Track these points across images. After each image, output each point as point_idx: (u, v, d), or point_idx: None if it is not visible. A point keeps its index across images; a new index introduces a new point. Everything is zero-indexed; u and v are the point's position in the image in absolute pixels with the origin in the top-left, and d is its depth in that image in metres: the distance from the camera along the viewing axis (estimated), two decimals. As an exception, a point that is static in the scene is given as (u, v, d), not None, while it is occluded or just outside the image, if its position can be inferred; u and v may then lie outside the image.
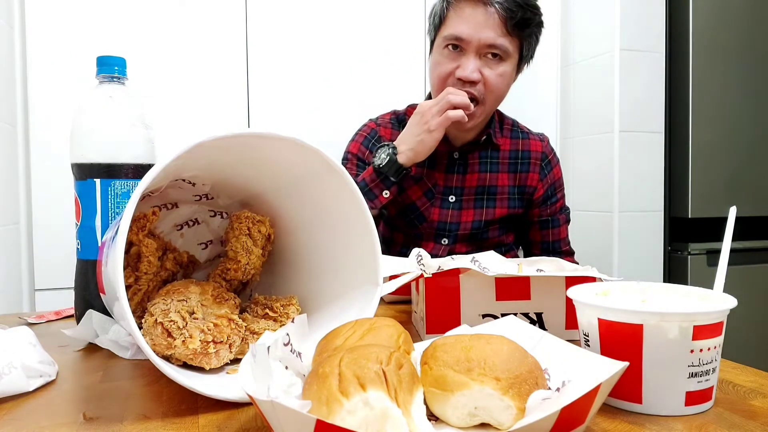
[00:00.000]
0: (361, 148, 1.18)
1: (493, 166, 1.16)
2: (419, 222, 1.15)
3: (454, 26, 1.03)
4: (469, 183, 1.15)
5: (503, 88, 1.07)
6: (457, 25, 1.02)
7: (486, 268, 0.67)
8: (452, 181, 1.15)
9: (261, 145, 0.55)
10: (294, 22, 1.57)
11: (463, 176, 1.15)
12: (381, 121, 1.22)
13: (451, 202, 1.15)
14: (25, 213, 1.39)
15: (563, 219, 1.21)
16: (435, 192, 1.15)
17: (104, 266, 0.54)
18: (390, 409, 0.36)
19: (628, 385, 0.45)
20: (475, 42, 1.01)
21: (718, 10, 1.71)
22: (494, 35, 1.01)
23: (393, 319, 0.49)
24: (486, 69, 1.03)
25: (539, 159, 1.18)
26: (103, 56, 0.69)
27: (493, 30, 1.01)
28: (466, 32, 1.02)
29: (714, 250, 1.73)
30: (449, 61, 1.05)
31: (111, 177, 0.67)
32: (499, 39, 1.01)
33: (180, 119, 1.47)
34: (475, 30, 1.01)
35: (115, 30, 1.42)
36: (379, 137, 1.19)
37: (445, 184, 1.15)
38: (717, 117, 1.72)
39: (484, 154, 1.16)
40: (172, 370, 0.47)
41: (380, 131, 1.20)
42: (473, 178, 1.15)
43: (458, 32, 1.02)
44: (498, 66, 1.04)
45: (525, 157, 1.17)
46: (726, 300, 0.47)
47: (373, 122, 1.22)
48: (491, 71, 1.04)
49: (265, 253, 0.66)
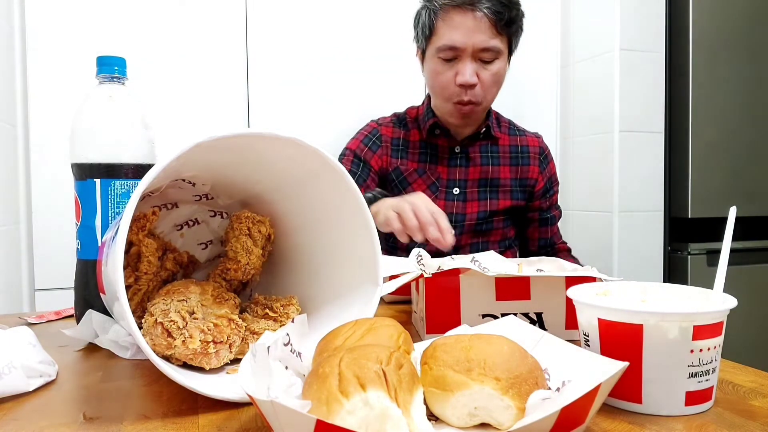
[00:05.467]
0: (360, 145, 1.21)
1: (494, 159, 1.19)
2: None
3: (447, 36, 1.05)
4: (473, 176, 1.18)
5: (498, 84, 1.12)
6: (449, 34, 1.05)
7: (486, 268, 0.67)
8: (455, 174, 1.18)
9: (261, 145, 0.55)
10: (294, 22, 1.57)
11: (466, 169, 1.18)
12: (382, 121, 1.24)
13: (456, 194, 1.18)
14: (25, 213, 1.39)
15: (557, 215, 1.26)
16: (439, 185, 1.18)
17: (104, 266, 0.54)
18: (390, 409, 0.36)
19: (628, 385, 0.45)
20: (470, 48, 1.04)
21: (718, 10, 1.71)
22: (486, 38, 1.04)
23: (393, 319, 0.49)
24: (482, 71, 1.07)
25: (538, 153, 1.23)
26: (103, 56, 0.69)
27: (485, 33, 1.04)
28: (459, 40, 1.04)
29: (714, 250, 1.73)
30: (447, 69, 1.08)
31: (111, 177, 0.67)
32: (492, 41, 1.04)
33: (180, 119, 1.47)
34: (468, 36, 1.04)
35: (115, 30, 1.42)
36: (380, 136, 1.21)
37: (449, 177, 1.18)
38: (717, 117, 1.72)
39: (485, 147, 1.19)
40: (172, 370, 0.47)
41: (381, 130, 1.22)
42: (476, 170, 1.19)
43: (452, 41, 1.05)
44: (492, 66, 1.07)
45: (524, 151, 1.21)
46: (726, 300, 0.47)
47: (375, 122, 1.25)
48: (487, 72, 1.07)
49: (265, 253, 0.66)
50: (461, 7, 1.03)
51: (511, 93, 1.75)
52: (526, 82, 1.79)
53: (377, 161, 1.19)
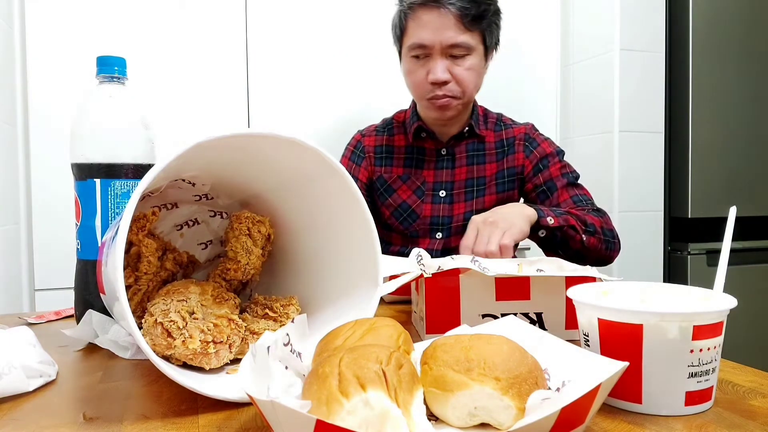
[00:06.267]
0: (349, 163, 1.24)
1: (480, 157, 1.19)
2: (412, 220, 1.18)
3: (415, 34, 1.07)
4: (459, 177, 1.18)
5: (475, 80, 1.11)
6: (418, 33, 1.06)
7: (486, 268, 0.67)
8: (442, 176, 1.19)
9: (261, 145, 0.55)
10: (294, 22, 1.57)
11: (452, 170, 1.19)
12: (366, 131, 1.27)
13: (442, 197, 1.18)
14: (25, 213, 1.39)
15: (562, 183, 1.15)
16: (425, 189, 1.19)
17: (104, 266, 0.54)
18: (390, 409, 0.36)
19: (628, 385, 0.45)
20: (438, 45, 1.05)
21: (718, 10, 1.71)
22: (454, 34, 1.04)
23: (393, 319, 0.49)
24: (454, 67, 1.07)
25: (522, 139, 1.20)
26: (103, 56, 0.69)
27: (452, 30, 1.04)
28: (427, 38, 1.05)
29: (714, 250, 1.73)
30: (419, 67, 1.09)
31: (111, 177, 0.67)
32: (460, 37, 1.05)
33: (180, 119, 1.47)
34: (435, 34, 1.05)
35: (115, 30, 1.42)
36: (363, 147, 1.24)
37: (435, 180, 1.19)
38: (717, 117, 1.72)
39: (471, 146, 1.19)
40: (172, 370, 0.47)
41: (364, 141, 1.24)
42: (462, 171, 1.19)
43: (420, 40, 1.06)
44: (464, 61, 1.07)
45: (510, 143, 1.20)
46: (726, 300, 0.47)
47: (360, 133, 1.27)
48: (459, 68, 1.07)
49: (265, 253, 0.66)
50: (427, 5, 1.04)
51: (511, 93, 1.75)
52: (526, 82, 1.79)
53: (363, 173, 1.22)
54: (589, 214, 1.07)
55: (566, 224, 1.00)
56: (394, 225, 1.20)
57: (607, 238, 1.07)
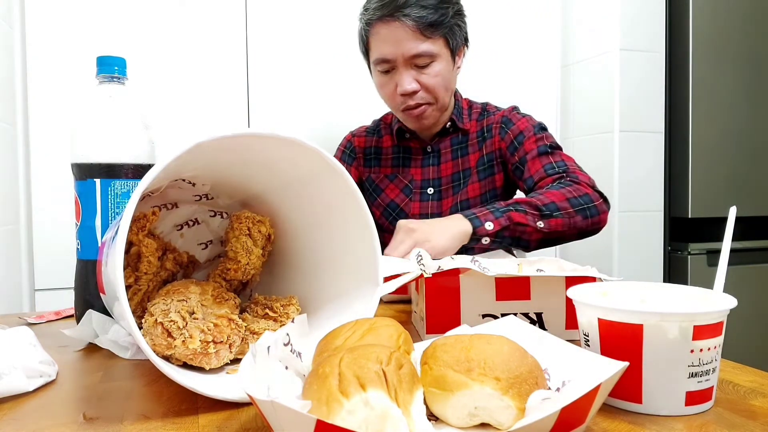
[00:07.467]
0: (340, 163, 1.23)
1: (464, 150, 1.19)
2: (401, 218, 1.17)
3: (378, 49, 1.07)
4: (445, 172, 1.19)
5: (445, 84, 1.09)
6: (380, 48, 1.07)
7: (486, 268, 0.67)
8: (429, 173, 1.19)
9: (261, 145, 0.55)
10: (294, 22, 1.57)
11: (438, 167, 1.19)
12: (357, 132, 1.28)
13: (430, 194, 1.19)
14: (25, 213, 1.39)
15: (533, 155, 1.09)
16: (412, 187, 1.19)
17: (104, 266, 0.54)
18: (390, 409, 0.36)
19: (628, 385, 0.45)
20: (400, 57, 1.05)
21: (718, 10, 1.71)
22: (413, 45, 1.04)
23: (393, 319, 0.49)
24: (421, 76, 1.07)
25: (499, 123, 1.17)
26: (103, 56, 0.69)
27: (411, 41, 1.04)
28: (389, 52, 1.05)
29: (714, 250, 1.73)
30: (388, 81, 1.09)
31: (111, 177, 0.67)
32: (421, 46, 1.04)
33: (180, 119, 1.47)
34: (396, 47, 1.04)
35: (115, 30, 1.42)
36: (354, 148, 1.25)
37: (423, 178, 1.19)
38: (717, 117, 1.72)
39: (455, 140, 1.19)
40: (172, 370, 0.47)
41: (355, 142, 1.26)
42: (448, 166, 1.19)
43: (383, 54, 1.06)
44: (431, 69, 1.07)
45: (489, 129, 1.18)
46: (726, 300, 0.47)
47: (351, 134, 1.28)
48: (426, 76, 1.07)
49: (265, 253, 0.66)
50: (383, 20, 1.04)
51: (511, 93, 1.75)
52: (526, 82, 1.79)
53: (354, 173, 1.23)
54: (550, 190, 0.99)
55: (509, 223, 0.92)
56: (384, 225, 1.21)
57: (581, 207, 0.98)
